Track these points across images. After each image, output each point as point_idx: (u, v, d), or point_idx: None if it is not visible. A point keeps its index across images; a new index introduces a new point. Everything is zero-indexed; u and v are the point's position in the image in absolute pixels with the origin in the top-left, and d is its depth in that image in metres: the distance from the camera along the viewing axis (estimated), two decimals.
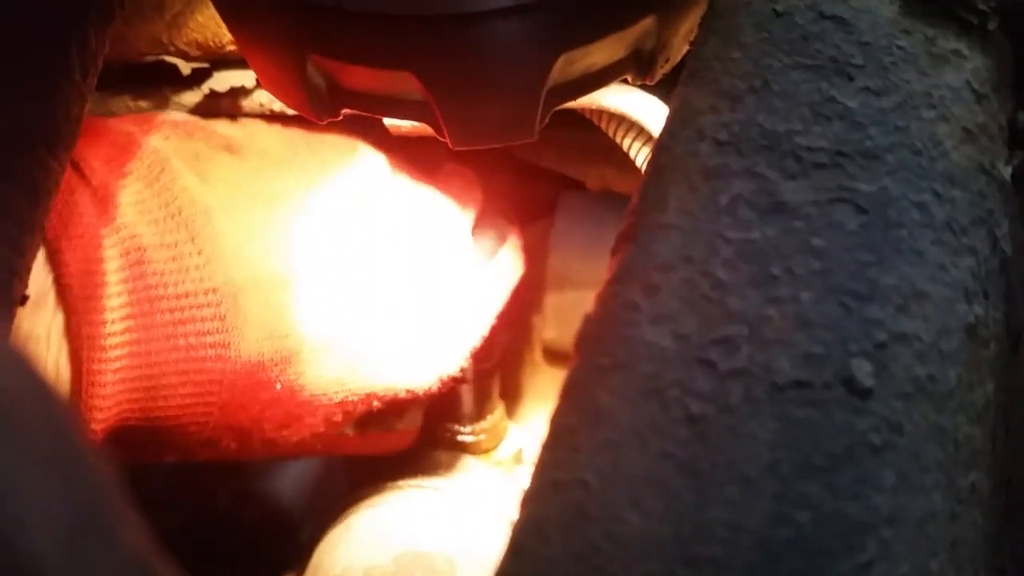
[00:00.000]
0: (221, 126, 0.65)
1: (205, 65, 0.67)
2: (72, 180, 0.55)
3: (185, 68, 0.67)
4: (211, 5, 0.54)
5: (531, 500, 0.32)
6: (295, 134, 0.66)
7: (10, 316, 0.45)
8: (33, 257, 0.46)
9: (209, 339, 0.57)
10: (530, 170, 0.84)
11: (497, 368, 0.84)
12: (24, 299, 0.49)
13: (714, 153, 0.38)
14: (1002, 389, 0.38)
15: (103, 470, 0.20)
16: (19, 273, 0.44)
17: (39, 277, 0.54)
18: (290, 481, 0.91)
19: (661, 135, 0.41)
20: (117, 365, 0.55)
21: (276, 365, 0.59)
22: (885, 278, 0.35)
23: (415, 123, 0.53)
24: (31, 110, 0.44)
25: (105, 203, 0.55)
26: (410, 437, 0.76)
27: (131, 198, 0.56)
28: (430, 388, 0.65)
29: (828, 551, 0.30)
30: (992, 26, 0.42)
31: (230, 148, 0.63)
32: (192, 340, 0.57)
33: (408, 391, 0.64)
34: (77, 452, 0.20)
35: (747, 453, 0.31)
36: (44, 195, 0.45)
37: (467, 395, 0.84)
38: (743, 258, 0.35)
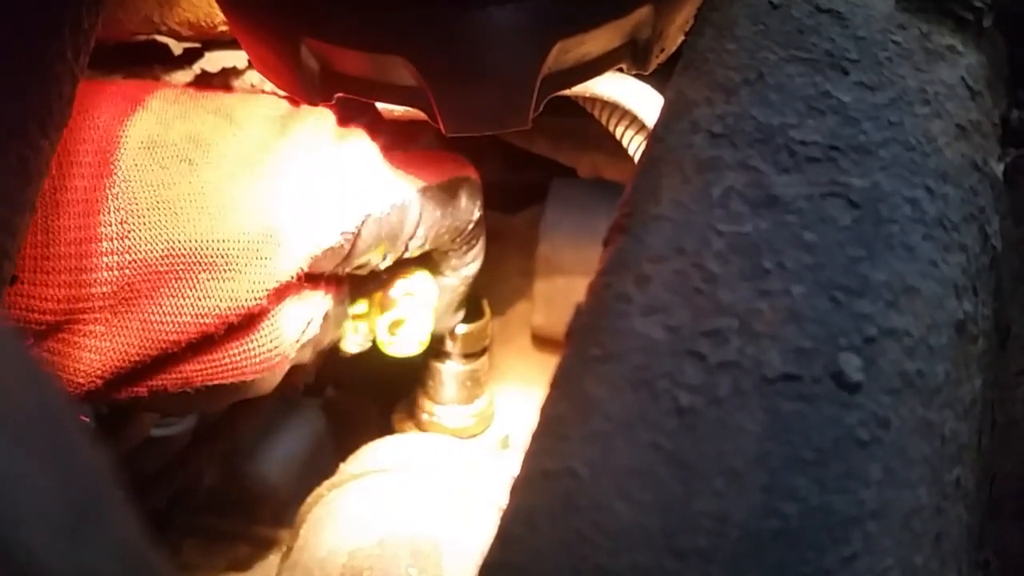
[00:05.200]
0: (215, 94, 0.65)
1: (196, 45, 0.67)
2: (76, 126, 0.56)
3: (176, 48, 0.66)
4: None
5: (520, 489, 0.32)
6: (287, 105, 0.66)
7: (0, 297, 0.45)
8: (23, 238, 0.46)
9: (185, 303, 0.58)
10: (522, 156, 0.84)
11: (485, 351, 0.84)
12: (14, 279, 0.49)
13: (708, 145, 0.38)
14: (989, 385, 0.38)
15: (98, 459, 0.20)
16: (9, 254, 0.44)
17: None
18: (278, 462, 0.91)
19: (656, 126, 0.41)
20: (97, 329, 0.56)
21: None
22: (876, 273, 0.35)
23: (407, 108, 0.53)
24: (22, 90, 0.43)
25: (105, 155, 0.56)
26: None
27: (132, 147, 0.57)
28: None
29: (814, 544, 0.30)
30: (987, 23, 0.42)
31: (226, 116, 0.63)
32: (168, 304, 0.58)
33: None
34: (73, 442, 0.20)
35: (735, 445, 0.31)
36: (35, 175, 0.45)
37: (456, 378, 0.84)
38: (735, 251, 0.36)
